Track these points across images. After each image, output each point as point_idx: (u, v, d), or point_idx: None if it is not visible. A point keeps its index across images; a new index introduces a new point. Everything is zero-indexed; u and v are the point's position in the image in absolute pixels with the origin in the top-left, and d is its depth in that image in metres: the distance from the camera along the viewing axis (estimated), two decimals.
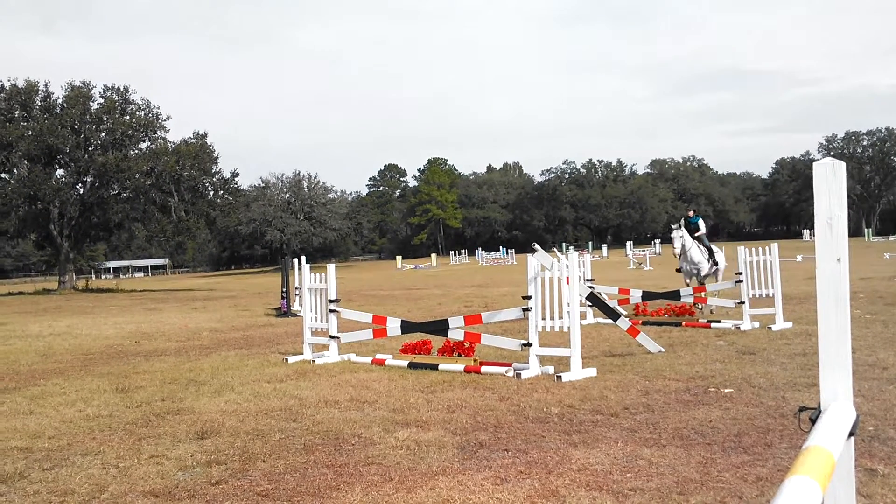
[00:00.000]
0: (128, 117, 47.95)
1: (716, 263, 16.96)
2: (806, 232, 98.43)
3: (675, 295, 14.87)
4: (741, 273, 13.68)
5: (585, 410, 7.37)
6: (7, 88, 45.65)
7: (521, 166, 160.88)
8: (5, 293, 45.35)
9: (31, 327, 20.80)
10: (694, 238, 16.79)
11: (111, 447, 6.70)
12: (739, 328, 13.07)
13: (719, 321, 13.78)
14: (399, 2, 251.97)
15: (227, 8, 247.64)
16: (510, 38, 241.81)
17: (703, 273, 16.55)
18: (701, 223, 17.24)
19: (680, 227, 16.63)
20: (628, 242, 75.23)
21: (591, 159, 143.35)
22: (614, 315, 11.49)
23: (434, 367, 10.22)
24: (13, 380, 11.11)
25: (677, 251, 16.45)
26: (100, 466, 6.10)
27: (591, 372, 9.28)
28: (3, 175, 46.41)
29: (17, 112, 46.16)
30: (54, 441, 7.05)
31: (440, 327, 10.88)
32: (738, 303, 13.63)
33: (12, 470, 6.05)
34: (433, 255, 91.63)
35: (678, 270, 17.30)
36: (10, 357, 13.99)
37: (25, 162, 44.89)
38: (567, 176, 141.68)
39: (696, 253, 16.57)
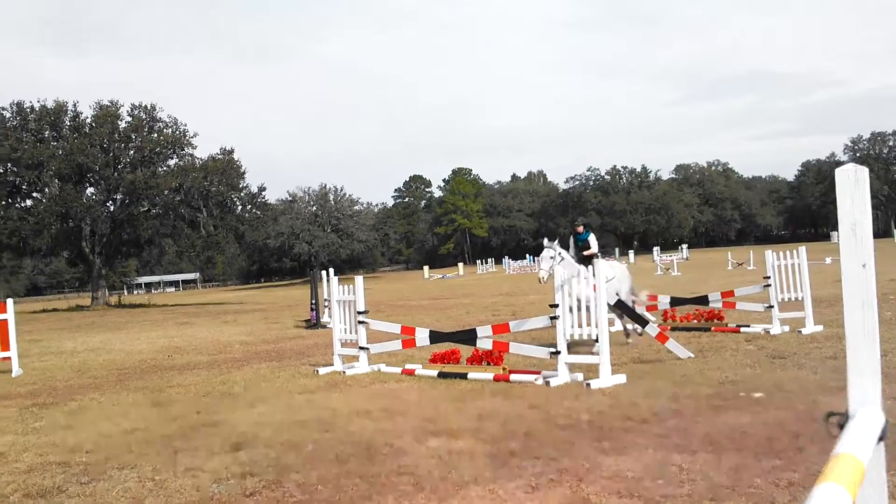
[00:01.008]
0: (155, 135, 48.59)
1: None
2: (834, 234, 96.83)
3: (703, 300, 14.79)
4: (769, 277, 13.60)
5: (615, 417, 7.37)
6: (37, 109, 46.47)
7: (545, 174, 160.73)
8: (40, 310, 46.02)
9: (65, 343, 21.12)
10: (581, 259, 12.51)
11: (147, 460, 6.81)
12: (769, 332, 12.97)
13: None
14: (422, 12, 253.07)
15: (249, 22, 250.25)
16: (532, 45, 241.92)
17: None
18: (592, 240, 12.94)
19: (552, 246, 11.99)
20: (655, 248, 74.57)
21: (615, 166, 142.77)
22: (642, 321, 11.46)
23: (463, 376, 10.26)
24: (50, 395, 11.31)
25: (543, 277, 11.65)
26: (136, 480, 6.20)
27: (621, 379, 9.27)
28: (35, 194, 47.25)
29: (47, 132, 46.99)
30: (91, 455, 7.17)
31: (468, 337, 10.93)
32: (767, 307, 13.54)
33: (51, 484, 6.18)
34: (460, 265, 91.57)
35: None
36: (47, 373, 14.22)
37: (56, 181, 45.63)
38: (592, 183, 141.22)
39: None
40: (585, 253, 12.80)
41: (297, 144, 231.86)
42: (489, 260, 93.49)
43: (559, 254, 11.85)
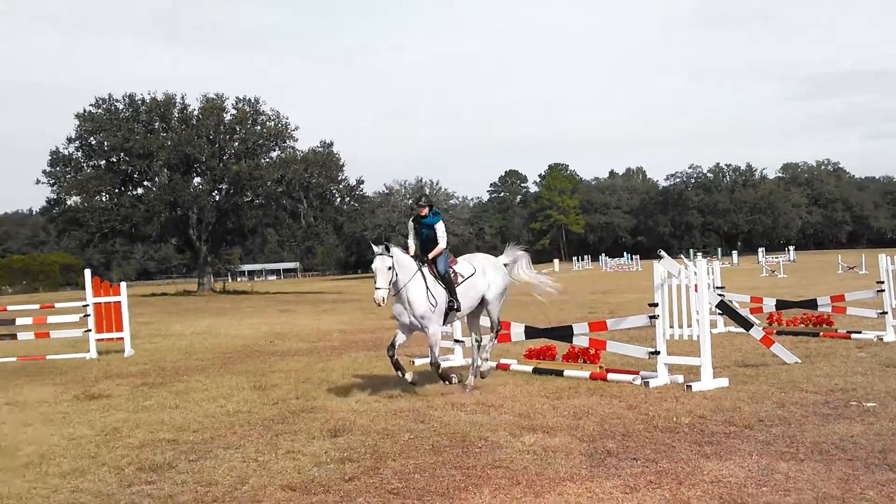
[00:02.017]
0: (259, 127, 50.06)
1: (454, 307, 9.52)
2: None
3: (811, 304, 14.25)
4: (883, 282, 13.01)
5: (717, 421, 7.19)
6: (147, 101, 48.59)
7: (644, 171, 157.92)
8: (149, 294, 48.07)
9: (173, 327, 22.01)
10: (420, 260, 9.60)
11: (250, 442, 7.04)
12: (882, 339, 12.41)
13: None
14: (517, 11, 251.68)
15: (348, 19, 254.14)
16: (632, 42, 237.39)
17: (428, 327, 9.35)
18: (440, 230, 9.73)
19: (386, 247, 9.41)
20: (760, 249, 72.34)
21: (718, 163, 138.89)
22: (746, 324, 11.13)
23: (559, 373, 10.19)
24: (159, 376, 11.81)
25: (382, 298, 9.29)
26: (240, 460, 6.42)
27: (723, 382, 9.03)
28: (145, 183, 49.39)
29: (157, 123, 49.09)
30: (198, 434, 7.46)
31: (564, 333, 10.84)
32: (881, 313, 12.95)
33: (161, 460, 6.45)
34: (556, 261, 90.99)
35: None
36: (156, 355, 14.85)
37: (166, 171, 47.60)
38: (693, 180, 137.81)
39: (417, 291, 9.29)
40: (431, 255, 9.58)
41: (393, 139, 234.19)
42: (585, 257, 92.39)
43: (394, 260, 9.27)
